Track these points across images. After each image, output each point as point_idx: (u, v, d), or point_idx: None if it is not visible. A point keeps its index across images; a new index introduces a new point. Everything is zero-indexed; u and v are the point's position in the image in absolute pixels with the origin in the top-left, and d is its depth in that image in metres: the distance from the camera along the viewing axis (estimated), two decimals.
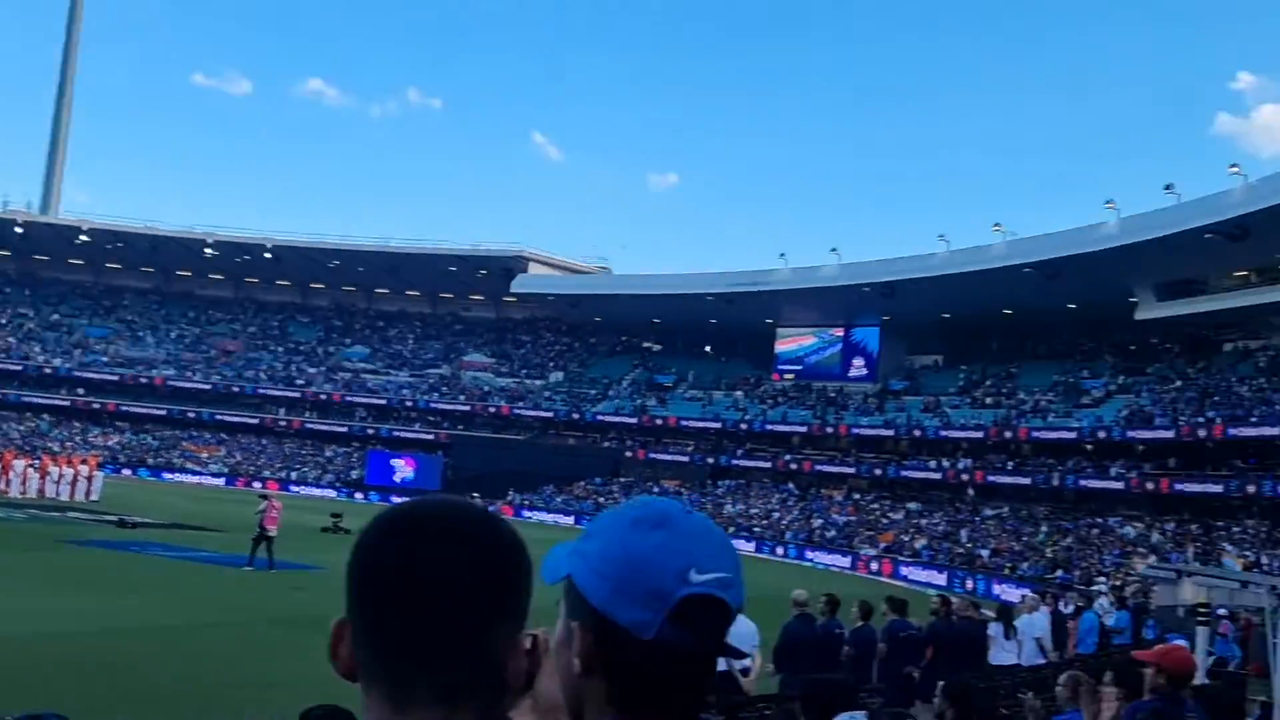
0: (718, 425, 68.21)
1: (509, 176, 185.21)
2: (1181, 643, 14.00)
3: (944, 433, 58.29)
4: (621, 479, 68.15)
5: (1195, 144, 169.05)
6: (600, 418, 71.74)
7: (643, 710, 1.32)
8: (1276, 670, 10.62)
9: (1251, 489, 43.34)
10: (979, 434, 56.41)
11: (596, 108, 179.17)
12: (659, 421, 69.85)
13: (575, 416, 72.27)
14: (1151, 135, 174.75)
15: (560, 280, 77.78)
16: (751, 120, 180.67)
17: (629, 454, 69.60)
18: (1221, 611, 20.10)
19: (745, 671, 11.06)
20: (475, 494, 46.24)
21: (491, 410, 74.10)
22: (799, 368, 70.55)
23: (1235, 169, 43.67)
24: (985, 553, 46.72)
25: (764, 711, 9.48)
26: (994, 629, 16.30)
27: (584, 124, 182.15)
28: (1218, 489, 45.09)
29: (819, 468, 63.29)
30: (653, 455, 69.14)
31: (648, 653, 1.29)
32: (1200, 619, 10.78)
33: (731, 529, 58.32)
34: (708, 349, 76.80)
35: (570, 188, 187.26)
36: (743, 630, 11.23)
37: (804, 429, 65.16)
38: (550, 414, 73.23)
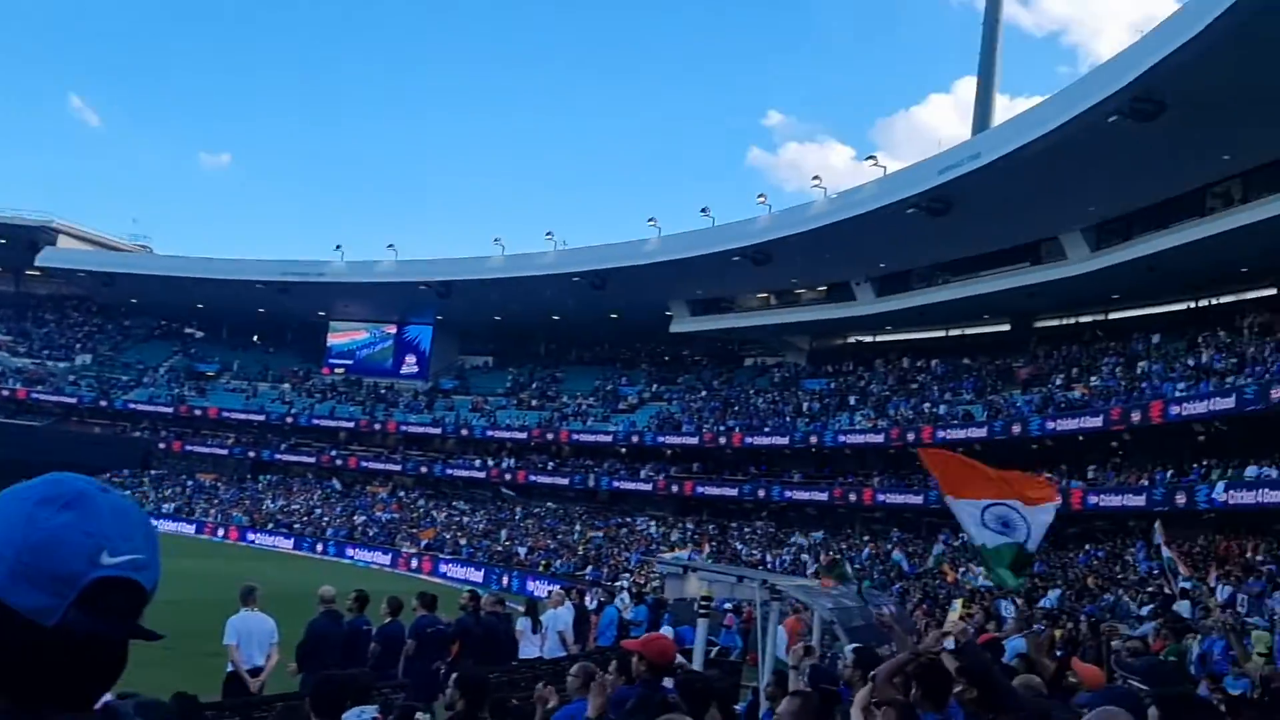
0: (261, 418, 65.71)
1: (39, 140, 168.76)
2: (668, 632, 15.12)
3: (490, 432, 59.42)
4: (154, 471, 64.12)
5: (731, 173, 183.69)
6: (132, 406, 66.95)
7: (42, 698, 1.24)
8: (764, 658, 11.69)
9: (762, 493, 47.52)
10: (523, 435, 58.01)
11: (144, 75, 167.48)
12: (198, 412, 66.27)
13: (103, 404, 66.95)
14: (697, 161, 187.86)
15: (94, 256, 71.91)
16: (311, 105, 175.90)
17: (163, 445, 65.62)
18: (729, 605, 21.92)
19: (255, 671, 10.76)
20: None
21: (5, 393, 67.11)
22: (350, 362, 69.46)
23: (762, 199, 47.72)
24: (523, 550, 48.12)
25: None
26: (522, 623, 16.85)
27: (130, 91, 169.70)
28: (733, 492, 49.04)
29: (365, 464, 62.62)
30: (190, 447, 65.56)
31: (47, 639, 1.21)
32: (701, 611, 11.67)
33: (270, 525, 56.51)
34: (255, 339, 73.91)
35: (111, 159, 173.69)
36: (262, 628, 10.94)
37: (351, 425, 64.19)
38: (74, 400, 67.30)
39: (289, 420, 65.04)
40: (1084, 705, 3.79)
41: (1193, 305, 39.72)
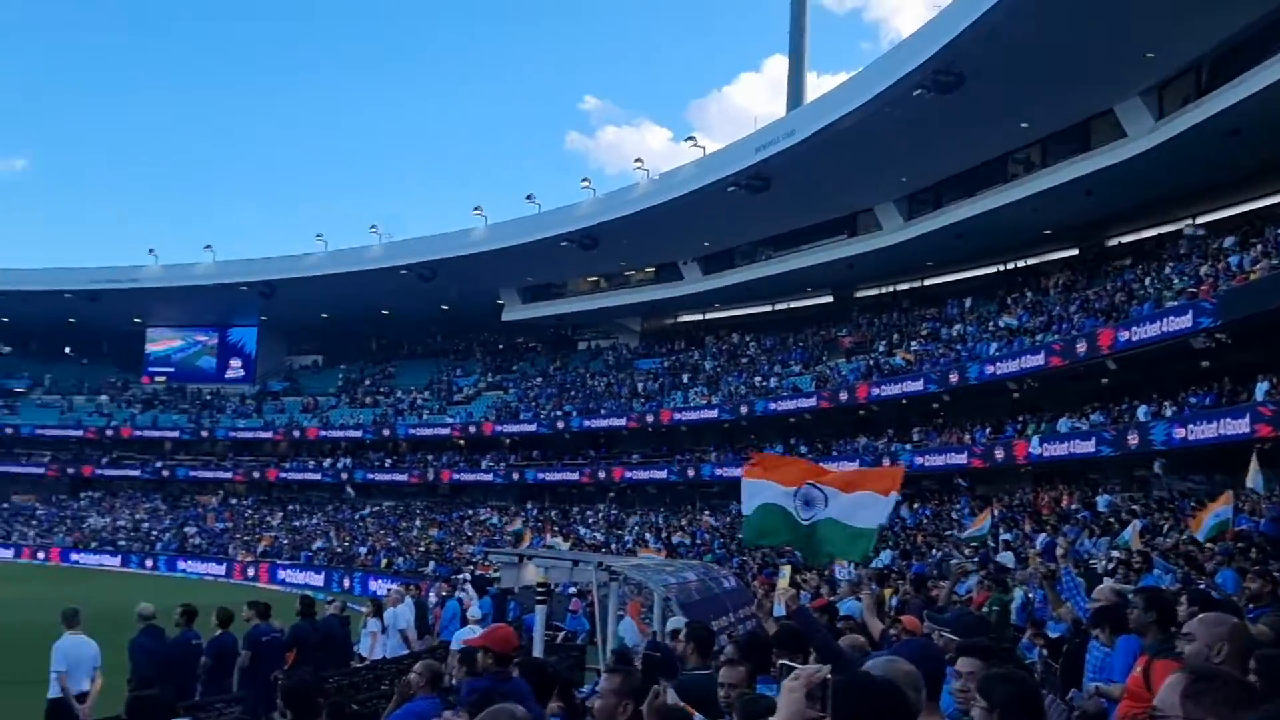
0: (79, 433, 62.94)
1: None
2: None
3: (324, 433, 58.21)
4: None
5: (553, 157, 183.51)
6: None
7: None
8: (606, 640, 11.80)
9: (602, 475, 47.79)
10: (358, 433, 56.99)
11: None
12: (9, 430, 63.03)
13: None
14: (516, 147, 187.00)
15: None
16: (111, 104, 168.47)
17: None
18: (572, 590, 21.99)
19: (82, 697, 10.36)
20: None
21: None
22: (172, 369, 67.05)
23: (586, 183, 47.76)
24: (364, 550, 47.36)
25: None
26: (373, 624, 16.65)
27: None
28: (574, 476, 49.19)
29: (194, 474, 60.70)
30: (2, 468, 62.38)
31: None
32: (539, 598, 11.70)
33: (95, 544, 54.38)
34: (68, 350, 70.67)
35: None
36: (87, 652, 10.55)
37: (176, 434, 61.96)
38: None
39: (109, 433, 62.44)
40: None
41: (1002, 269, 41.44)
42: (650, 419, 46.84)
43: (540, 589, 11.64)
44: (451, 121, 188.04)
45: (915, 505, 34.06)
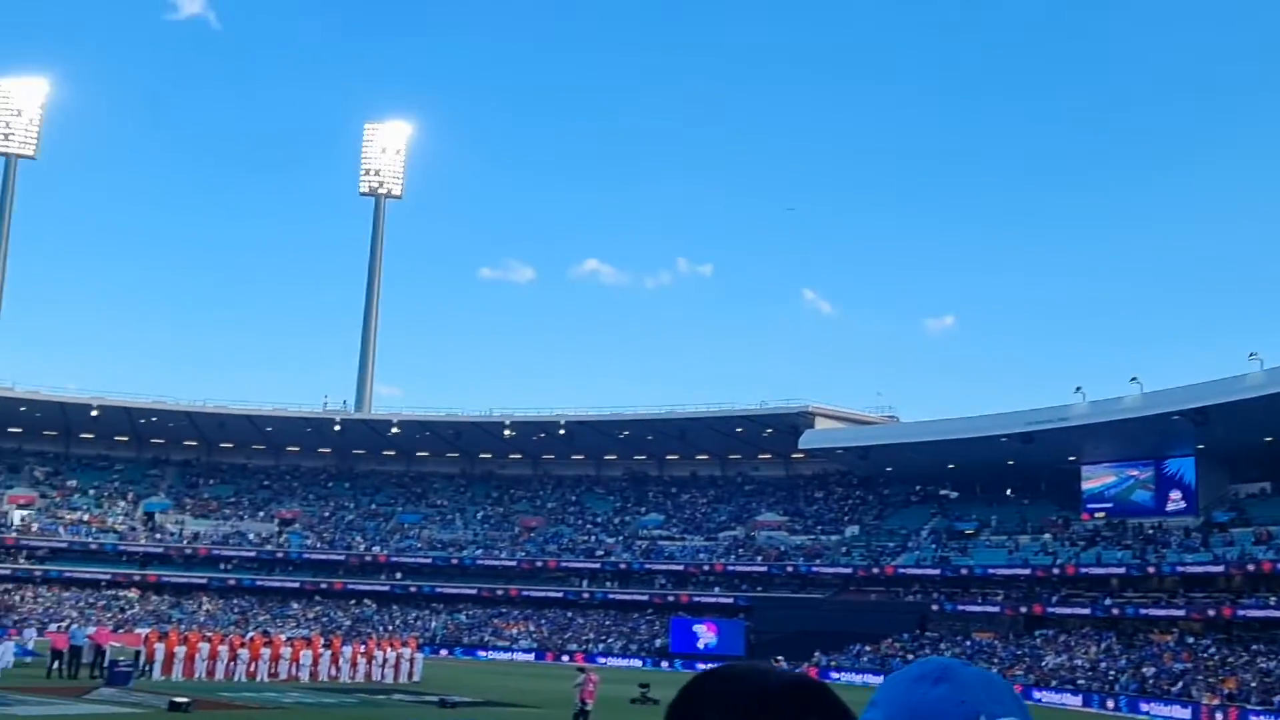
0: (1027, 571, 65.02)
1: (784, 334, 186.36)
2: None
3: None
4: (929, 633, 65.62)
5: None
6: (901, 571, 69.80)
7: None
8: None
9: None
10: None
11: (865, 259, 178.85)
12: (963, 571, 67.22)
13: (875, 571, 70.57)
14: None
15: (847, 433, 77.01)
16: (1027, 255, 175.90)
17: (934, 607, 67.11)
18: None
19: None
20: (779, 657, 45.50)
21: (789, 569, 73.43)
22: (1109, 505, 66.64)
23: None
24: None
25: None
26: None
27: (852, 275, 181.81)
28: None
29: (1143, 611, 59.02)
30: (960, 607, 66.38)
31: None
32: None
33: (1054, 682, 54.93)
34: (1008, 492, 73.81)
35: (845, 340, 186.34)
36: None
37: (1122, 570, 61.11)
38: (849, 570, 71.83)
39: (1055, 571, 63.62)
40: None
41: None
42: None
43: None
44: None
45: None
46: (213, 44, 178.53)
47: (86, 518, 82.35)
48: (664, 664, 67.95)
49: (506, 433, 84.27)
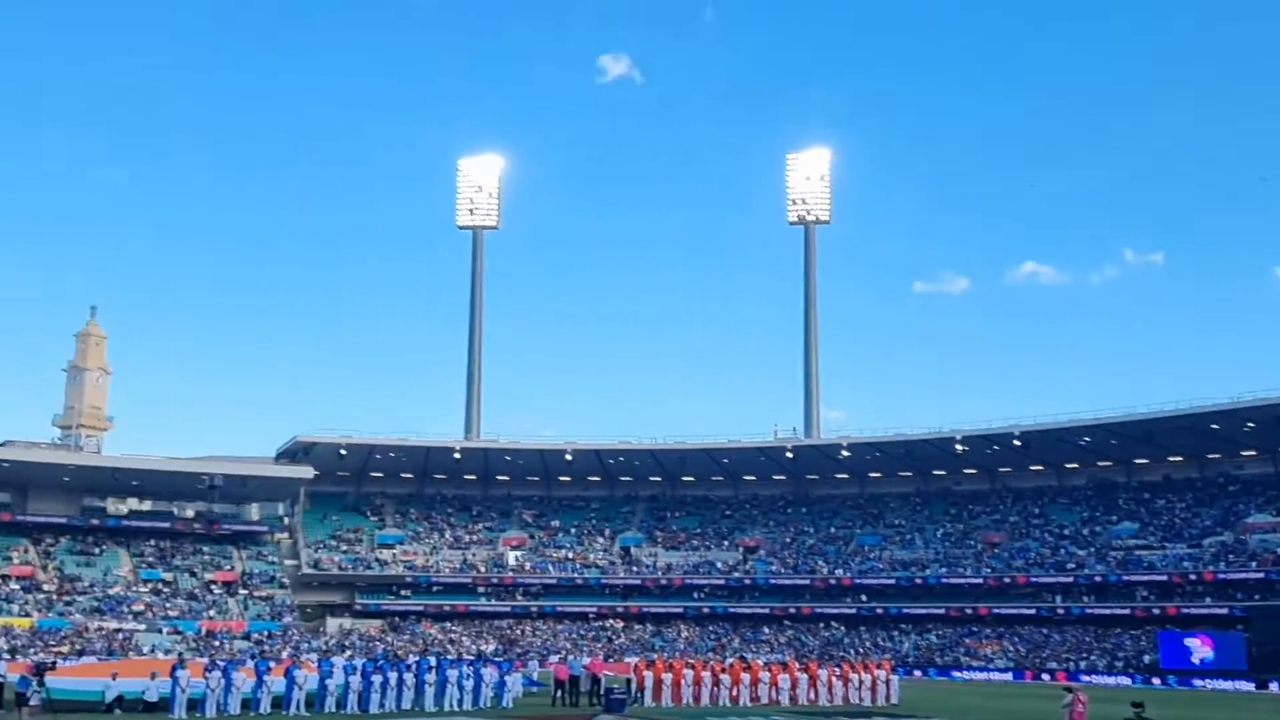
0: None
1: (1252, 319, 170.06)
2: None
3: None
4: None
5: None
6: None
7: None
8: None
9: None
10: None
11: None
12: None
13: None
14: None
15: None
16: None
17: None
18: None
19: None
20: None
21: None
22: None
23: None
24: None
25: None
26: None
27: None
28: None
29: None
30: None
31: None
32: None
33: None
34: None
35: None
36: None
37: None
38: None
39: None
40: None
41: None
42: None
43: None
44: None
45: None
46: (640, 100, 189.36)
47: (571, 555, 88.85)
48: (1155, 681, 63.69)
49: (959, 447, 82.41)
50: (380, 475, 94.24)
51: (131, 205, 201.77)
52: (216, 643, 71.33)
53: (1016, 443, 79.48)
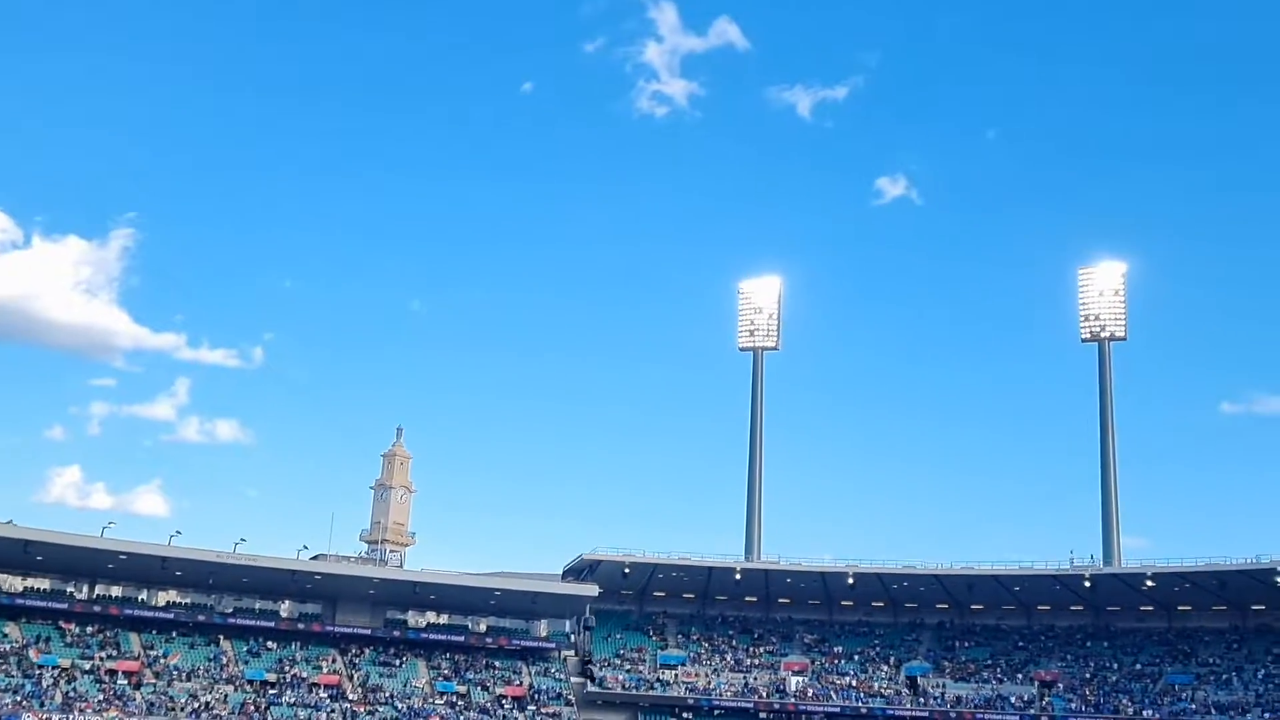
0: None
1: None
2: None
3: None
4: None
5: None
6: None
7: None
8: None
9: None
10: None
11: None
12: None
13: None
14: None
15: None
16: None
17: None
18: None
19: None
20: None
21: None
22: None
23: None
24: None
25: None
26: None
27: None
28: None
29: None
30: None
31: None
32: None
33: None
34: None
35: None
36: None
37: None
38: None
39: None
40: None
41: None
42: None
43: None
44: None
45: None
46: (917, 221, 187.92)
47: (854, 683, 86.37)
48: None
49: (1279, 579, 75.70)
50: (662, 595, 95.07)
51: (433, 333, 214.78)
52: None
53: None
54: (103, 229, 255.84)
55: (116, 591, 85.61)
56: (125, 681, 75.72)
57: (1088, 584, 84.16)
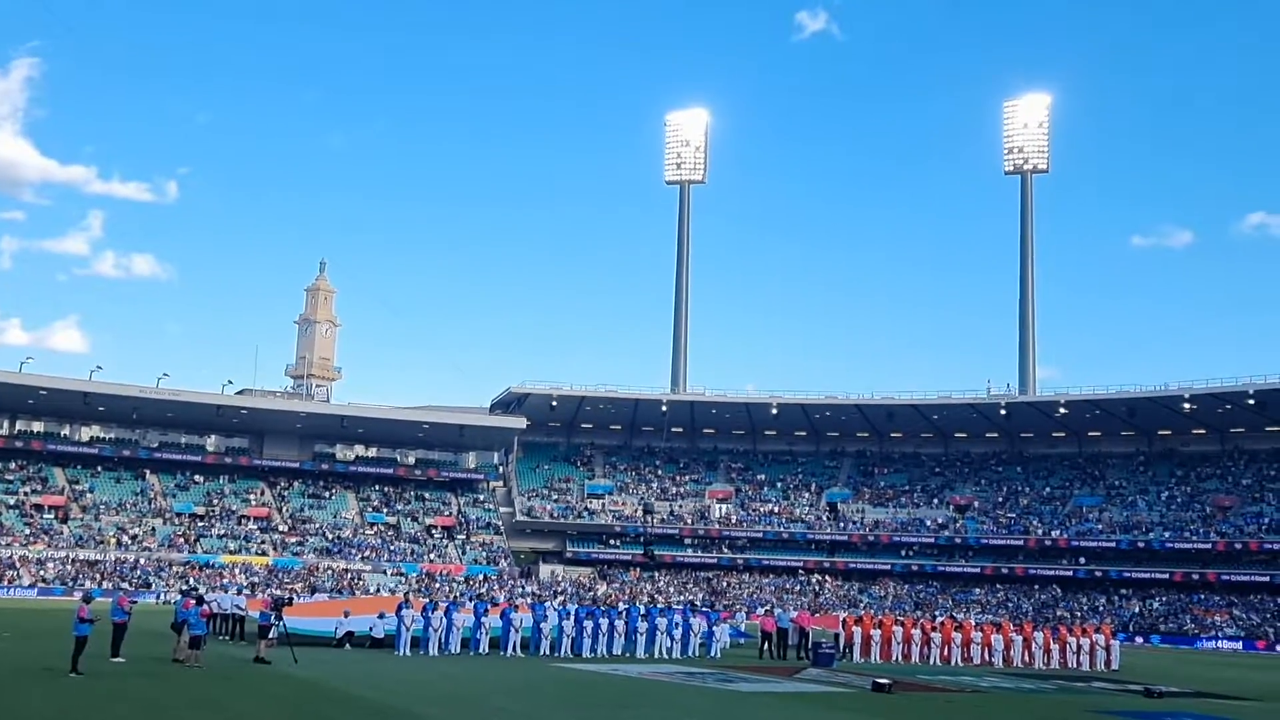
0: None
1: None
2: None
3: None
4: None
5: None
6: None
7: None
8: None
9: None
10: None
11: None
12: None
13: None
14: None
15: None
16: None
17: None
18: None
19: None
20: None
21: None
22: None
23: None
24: None
25: None
26: None
27: None
28: None
29: None
30: None
31: None
32: None
33: None
34: None
35: None
36: None
37: None
38: None
39: None
40: None
41: None
42: None
43: None
44: None
45: None
46: (838, 55, 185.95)
47: (776, 509, 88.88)
48: None
49: (1186, 406, 78.45)
50: (590, 427, 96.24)
51: (355, 163, 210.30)
52: (436, 584, 74.49)
53: (1251, 401, 75.13)
54: (3, 58, 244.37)
55: (39, 427, 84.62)
56: (52, 515, 75.57)
57: (1003, 412, 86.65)
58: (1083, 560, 79.27)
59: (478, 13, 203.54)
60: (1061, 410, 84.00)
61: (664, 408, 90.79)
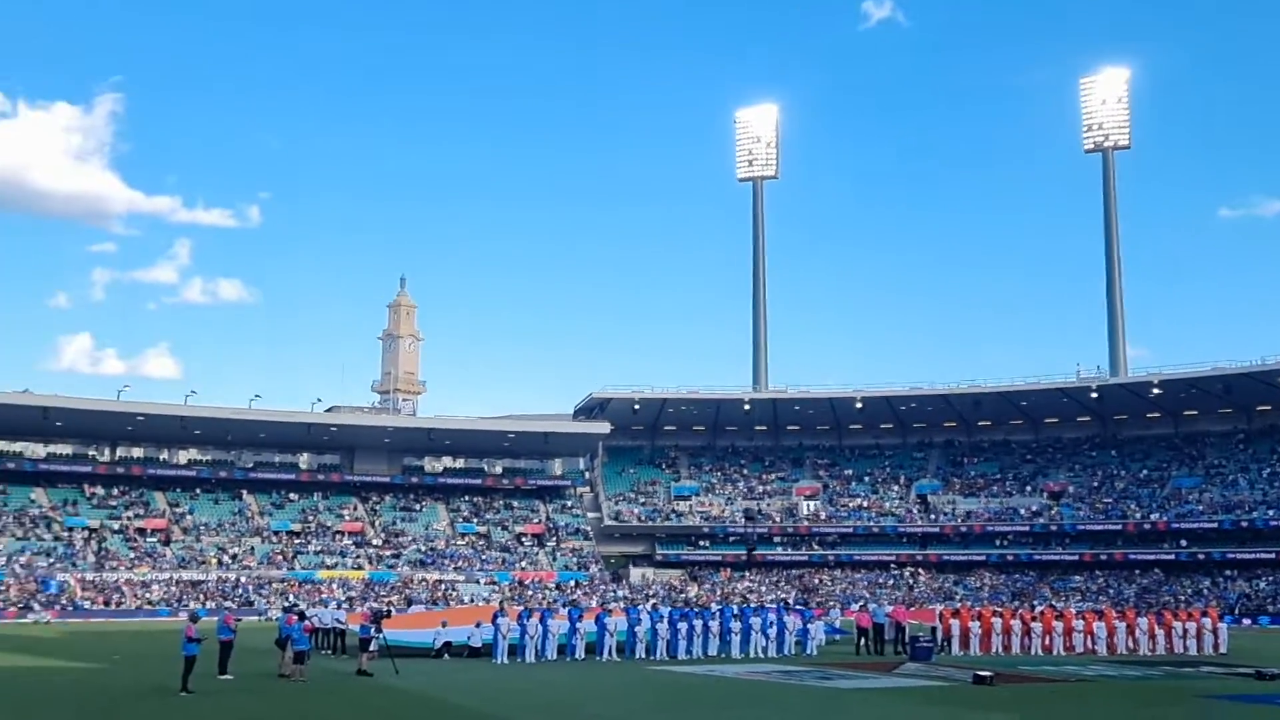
0: None
1: None
2: None
3: None
4: None
5: None
6: None
7: None
8: None
9: None
10: None
11: None
12: None
13: None
14: None
15: None
16: None
17: None
18: None
19: None
20: None
21: None
22: None
23: None
24: None
25: None
26: None
27: None
28: None
29: None
30: None
31: None
32: None
33: None
34: None
35: None
36: None
37: None
38: None
39: None
40: None
41: None
42: None
43: None
44: None
45: None
46: (905, 43, 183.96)
47: (865, 504, 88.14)
48: None
49: None
50: (673, 429, 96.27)
51: (431, 184, 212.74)
52: (529, 591, 75.01)
53: None
54: (88, 94, 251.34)
55: (138, 453, 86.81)
56: (155, 539, 77.43)
57: (1095, 395, 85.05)
58: (1184, 543, 77.47)
59: (547, 18, 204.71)
60: (1155, 390, 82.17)
61: (747, 406, 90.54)
